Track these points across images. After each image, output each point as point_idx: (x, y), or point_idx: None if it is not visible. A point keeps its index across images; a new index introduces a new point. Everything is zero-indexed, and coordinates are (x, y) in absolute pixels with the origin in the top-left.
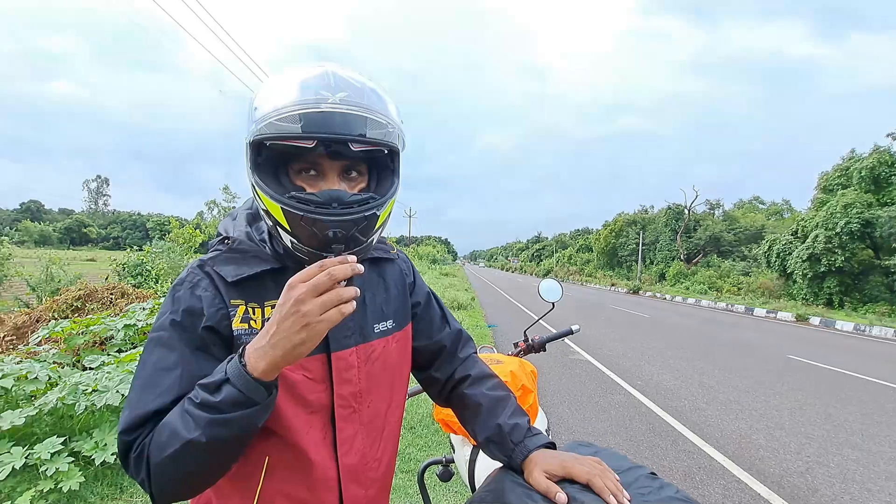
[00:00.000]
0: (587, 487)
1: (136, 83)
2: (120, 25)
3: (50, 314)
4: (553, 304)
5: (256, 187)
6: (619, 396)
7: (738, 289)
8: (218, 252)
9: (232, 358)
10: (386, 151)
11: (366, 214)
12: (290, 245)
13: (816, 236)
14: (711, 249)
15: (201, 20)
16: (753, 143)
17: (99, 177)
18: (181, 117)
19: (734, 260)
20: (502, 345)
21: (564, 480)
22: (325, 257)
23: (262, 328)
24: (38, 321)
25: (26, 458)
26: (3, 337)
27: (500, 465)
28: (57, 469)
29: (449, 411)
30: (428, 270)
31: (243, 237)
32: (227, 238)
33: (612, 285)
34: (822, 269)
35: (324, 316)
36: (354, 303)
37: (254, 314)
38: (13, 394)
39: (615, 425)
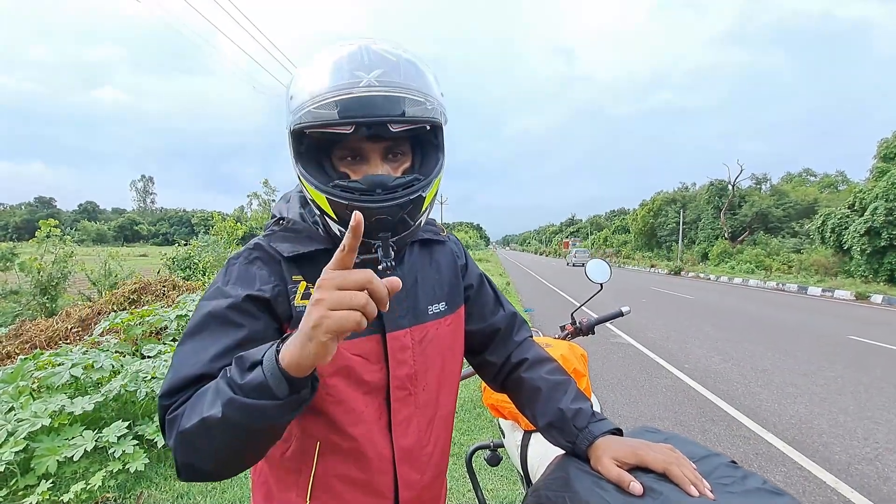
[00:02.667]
0: (663, 477)
1: (174, 86)
2: (156, 31)
3: (110, 307)
4: (601, 285)
5: (301, 177)
6: (666, 380)
7: (789, 267)
8: (273, 231)
9: (283, 339)
10: (428, 127)
11: (411, 198)
12: (338, 234)
13: (876, 208)
14: (758, 226)
15: (231, 17)
16: (803, 113)
17: (144, 176)
18: (218, 117)
19: (783, 237)
20: (541, 328)
21: (636, 469)
22: (374, 245)
23: None
24: (99, 314)
25: (96, 440)
26: (71, 329)
27: (560, 451)
28: (124, 451)
29: (500, 396)
30: None
31: (297, 218)
32: (282, 219)
33: (652, 266)
34: (883, 244)
35: (337, 314)
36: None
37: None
38: (82, 381)
39: (663, 409)
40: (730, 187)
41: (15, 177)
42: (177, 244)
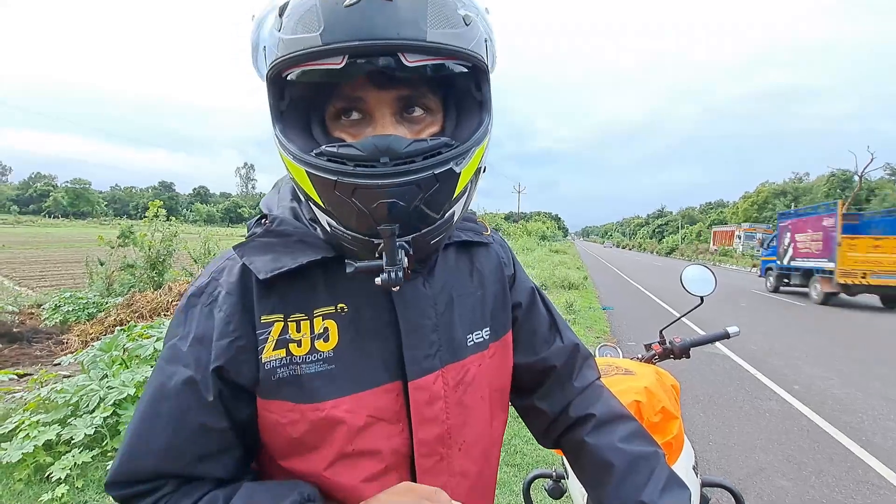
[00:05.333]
0: None
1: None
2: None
3: None
4: (702, 298)
5: (277, 143)
6: (771, 403)
7: None
8: (252, 236)
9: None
10: (467, 69)
11: (435, 172)
12: (328, 227)
13: None
14: None
15: None
16: None
17: (246, 164)
18: None
19: None
20: (619, 331)
21: None
22: (377, 245)
23: (308, 351)
24: None
25: None
26: (171, 301)
27: None
28: None
29: None
30: (537, 247)
31: (288, 214)
32: (266, 216)
33: (754, 266)
34: None
35: None
36: None
37: (298, 331)
38: None
39: (766, 440)
40: (856, 178)
41: (142, 162)
42: None
